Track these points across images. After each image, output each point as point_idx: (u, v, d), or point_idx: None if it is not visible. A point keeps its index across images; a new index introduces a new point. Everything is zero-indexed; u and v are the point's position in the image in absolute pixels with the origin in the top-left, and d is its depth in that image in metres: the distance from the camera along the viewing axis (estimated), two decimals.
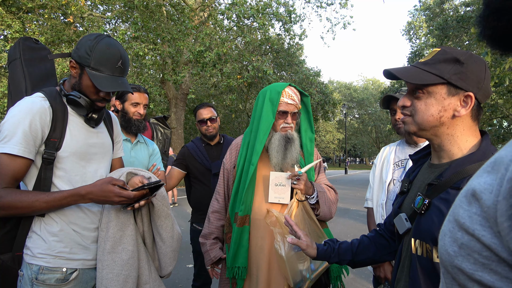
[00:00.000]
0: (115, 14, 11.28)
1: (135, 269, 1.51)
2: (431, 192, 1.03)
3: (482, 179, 0.43)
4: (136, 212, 1.61)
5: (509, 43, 0.48)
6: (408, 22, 21.57)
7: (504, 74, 7.71)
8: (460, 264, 0.43)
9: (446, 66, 1.01)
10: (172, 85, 11.81)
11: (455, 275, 0.45)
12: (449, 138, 1.06)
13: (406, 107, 1.10)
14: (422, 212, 1.03)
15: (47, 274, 1.39)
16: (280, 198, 1.89)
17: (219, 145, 2.99)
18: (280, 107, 1.90)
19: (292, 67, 14.38)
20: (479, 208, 0.42)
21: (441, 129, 1.05)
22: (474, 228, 0.42)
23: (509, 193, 0.38)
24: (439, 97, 1.03)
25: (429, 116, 1.04)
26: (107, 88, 1.41)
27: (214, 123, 2.89)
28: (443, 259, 0.47)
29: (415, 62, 1.11)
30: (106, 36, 1.46)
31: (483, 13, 0.49)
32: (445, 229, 0.48)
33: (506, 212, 0.38)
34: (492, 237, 0.40)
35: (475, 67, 1.01)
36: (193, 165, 2.88)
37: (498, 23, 0.47)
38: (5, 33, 9.81)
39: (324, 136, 45.47)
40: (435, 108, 1.03)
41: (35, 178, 1.41)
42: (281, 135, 1.91)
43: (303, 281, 1.73)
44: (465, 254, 0.43)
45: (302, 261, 1.73)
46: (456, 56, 1.01)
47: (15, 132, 1.33)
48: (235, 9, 10.02)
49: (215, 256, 1.98)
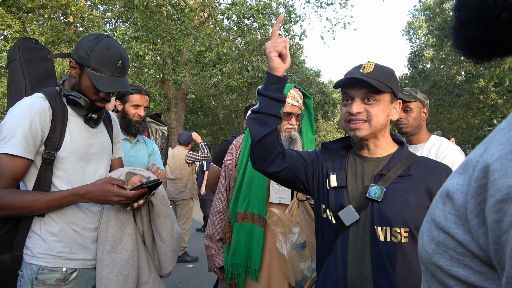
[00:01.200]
0: (115, 14, 11.28)
1: (135, 268, 1.51)
2: (384, 182, 1.17)
3: (455, 180, 0.45)
4: (135, 212, 1.61)
5: (480, 53, 0.52)
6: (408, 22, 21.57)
7: (504, 74, 7.70)
8: (438, 261, 0.46)
9: (387, 78, 1.18)
10: (172, 85, 11.81)
11: (434, 271, 0.47)
12: (384, 138, 1.25)
13: (360, 113, 1.20)
14: (381, 200, 1.13)
15: (47, 274, 1.39)
16: (280, 198, 1.89)
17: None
18: (285, 108, 1.91)
19: (292, 67, 14.38)
20: (452, 207, 0.45)
21: (382, 131, 1.23)
22: (448, 226, 0.45)
23: (476, 192, 0.40)
24: (386, 103, 1.20)
25: (382, 121, 1.20)
26: (107, 88, 1.41)
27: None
28: (423, 257, 0.50)
29: (354, 71, 1.23)
30: (106, 36, 1.46)
31: (455, 25, 0.53)
32: (424, 229, 0.50)
33: (474, 209, 0.41)
34: (465, 234, 0.42)
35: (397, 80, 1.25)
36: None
37: (468, 34, 0.51)
38: (5, 33, 9.81)
39: (324, 136, 45.42)
40: (383, 113, 1.20)
41: (34, 178, 1.42)
42: (285, 135, 1.92)
43: (304, 280, 1.74)
44: (441, 251, 0.45)
45: (304, 261, 1.74)
46: (391, 71, 1.22)
47: (15, 132, 1.33)
48: (235, 9, 10.02)
49: (219, 263, 1.97)
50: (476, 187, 0.41)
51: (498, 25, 0.47)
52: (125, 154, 2.24)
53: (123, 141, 2.39)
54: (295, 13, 11.83)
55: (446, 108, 15.36)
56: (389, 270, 1.09)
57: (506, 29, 0.47)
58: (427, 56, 18.99)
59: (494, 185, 0.37)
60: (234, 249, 1.87)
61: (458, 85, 14.75)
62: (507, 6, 0.45)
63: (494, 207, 0.37)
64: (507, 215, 0.35)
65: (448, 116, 16.61)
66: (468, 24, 0.50)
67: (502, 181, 0.36)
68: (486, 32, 0.49)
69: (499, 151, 0.38)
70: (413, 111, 2.16)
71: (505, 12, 0.45)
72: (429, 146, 2.18)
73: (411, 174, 1.17)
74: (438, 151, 2.11)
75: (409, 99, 2.15)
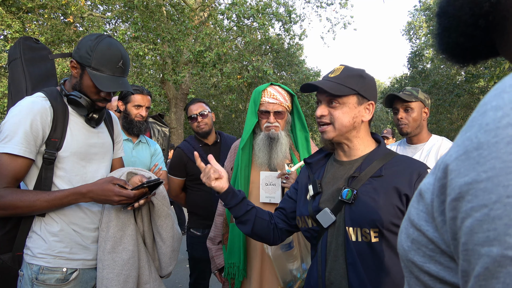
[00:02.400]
0: (115, 14, 11.28)
1: (136, 269, 1.51)
2: (356, 183, 1.20)
3: (426, 180, 0.48)
4: (136, 212, 1.61)
5: (463, 56, 0.55)
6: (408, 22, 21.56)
7: (504, 74, 7.71)
8: (413, 258, 0.48)
9: (354, 80, 1.23)
10: (172, 85, 11.80)
11: (410, 268, 0.50)
12: (358, 140, 1.28)
13: (324, 116, 1.25)
14: (352, 202, 1.17)
15: (47, 274, 1.39)
16: (271, 197, 1.89)
17: (217, 144, 2.71)
18: (261, 106, 1.91)
19: (292, 67, 14.38)
20: (423, 206, 0.47)
21: (353, 133, 1.26)
22: (420, 224, 0.47)
23: (439, 191, 0.43)
24: (352, 106, 1.23)
25: (346, 123, 1.23)
26: (108, 88, 1.41)
27: (205, 118, 2.58)
28: (401, 254, 0.52)
29: (325, 76, 1.30)
30: (107, 36, 1.46)
31: (437, 31, 0.56)
32: (402, 227, 0.53)
33: (438, 208, 0.43)
34: (434, 231, 0.45)
35: (371, 81, 1.28)
36: (191, 167, 2.56)
37: (448, 40, 0.54)
38: (5, 33, 9.81)
39: None
40: (349, 115, 1.23)
41: (35, 178, 1.42)
42: (264, 134, 1.91)
43: (293, 281, 1.73)
44: (415, 248, 0.48)
45: (292, 261, 1.73)
46: (360, 73, 1.25)
47: (16, 132, 1.33)
48: (235, 9, 10.01)
49: (219, 264, 1.98)
50: (439, 187, 0.43)
51: (476, 31, 0.50)
52: (127, 155, 2.25)
53: (126, 142, 2.40)
54: (295, 13, 11.83)
55: (446, 108, 15.36)
56: (359, 269, 1.14)
57: (483, 34, 0.50)
58: (427, 56, 18.99)
59: (450, 184, 0.40)
60: (230, 249, 1.87)
61: (458, 85, 14.76)
62: (483, 13, 0.48)
63: (450, 205, 0.39)
64: (460, 212, 0.38)
65: (448, 116, 16.62)
66: (448, 30, 0.53)
67: (456, 181, 0.38)
68: (465, 38, 0.52)
69: (455, 152, 0.40)
70: (413, 111, 2.15)
71: (481, 19, 0.48)
72: (430, 146, 2.17)
73: (382, 175, 1.19)
74: (438, 151, 2.11)
75: (410, 98, 2.14)
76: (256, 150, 1.93)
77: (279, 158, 1.89)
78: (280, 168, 1.92)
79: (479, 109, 0.39)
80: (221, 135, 2.78)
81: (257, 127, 1.98)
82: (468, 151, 0.38)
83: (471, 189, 0.36)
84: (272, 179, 1.90)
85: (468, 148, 0.38)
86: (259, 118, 1.95)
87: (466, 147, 0.38)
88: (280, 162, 1.91)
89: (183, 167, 2.59)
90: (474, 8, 0.48)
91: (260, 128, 1.96)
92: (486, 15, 0.48)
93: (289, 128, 2.06)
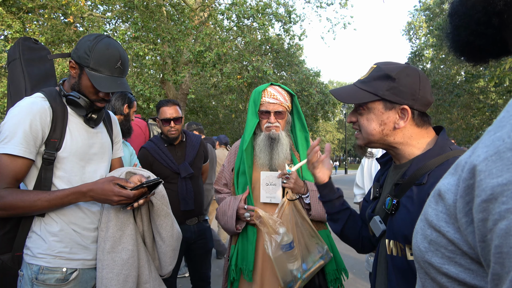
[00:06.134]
0: (115, 14, 11.28)
1: (135, 268, 1.51)
2: (398, 192, 1.06)
3: (446, 181, 0.47)
4: (135, 212, 1.61)
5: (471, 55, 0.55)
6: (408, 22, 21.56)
7: (504, 74, 7.71)
8: (430, 259, 0.48)
9: (379, 83, 1.07)
10: (172, 85, 11.80)
11: (427, 269, 0.49)
12: (400, 145, 1.11)
13: (354, 123, 1.18)
14: (392, 212, 1.06)
15: (47, 274, 1.39)
16: (271, 197, 1.89)
17: (182, 143, 2.69)
18: (261, 107, 1.91)
19: (292, 67, 14.36)
20: (444, 206, 0.46)
21: (388, 140, 1.11)
22: (440, 225, 0.46)
23: (465, 192, 0.42)
24: (378, 112, 1.09)
25: (372, 130, 1.11)
26: (106, 89, 1.41)
27: (178, 124, 2.58)
28: (416, 255, 0.51)
29: (356, 81, 1.18)
30: (106, 37, 1.46)
31: (448, 30, 0.57)
32: (418, 227, 0.52)
33: (463, 209, 0.42)
34: (455, 233, 0.44)
35: (408, 80, 1.06)
36: (158, 168, 2.54)
37: (459, 39, 0.54)
38: (5, 33, 9.81)
39: (324, 136, 45.41)
40: (375, 122, 1.10)
41: (35, 179, 1.42)
42: (265, 134, 1.91)
43: (294, 281, 1.73)
44: (433, 249, 0.47)
45: (292, 261, 1.73)
46: (388, 73, 1.07)
47: (16, 132, 1.33)
48: (235, 9, 10.01)
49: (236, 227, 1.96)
50: (464, 187, 0.42)
51: (488, 29, 0.49)
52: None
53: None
54: (295, 13, 11.82)
55: (446, 108, 15.36)
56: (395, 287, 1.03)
57: (496, 33, 0.49)
58: (427, 56, 18.98)
59: (479, 185, 0.39)
60: (237, 251, 1.87)
61: (458, 85, 14.75)
62: (497, 11, 0.47)
63: (480, 206, 0.38)
64: (492, 214, 0.37)
65: (448, 116, 16.61)
66: (459, 29, 0.53)
67: (487, 182, 0.37)
68: (475, 37, 0.52)
69: (484, 153, 0.39)
70: None
71: (495, 17, 0.48)
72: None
73: (423, 183, 1.00)
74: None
75: None
76: (257, 151, 1.92)
77: (280, 158, 1.89)
78: (281, 168, 1.92)
79: (509, 109, 0.39)
80: (186, 134, 2.78)
81: (257, 128, 1.98)
82: (500, 152, 0.37)
83: (506, 191, 0.35)
84: (272, 179, 1.90)
85: (500, 148, 0.37)
86: (259, 118, 1.94)
87: (497, 147, 0.37)
88: (281, 163, 1.91)
89: (149, 167, 2.54)
90: (487, 7, 0.48)
91: (261, 129, 1.95)
92: (500, 14, 0.47)
93: (289, 128, 2.06)
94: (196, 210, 2.61)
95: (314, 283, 1.86)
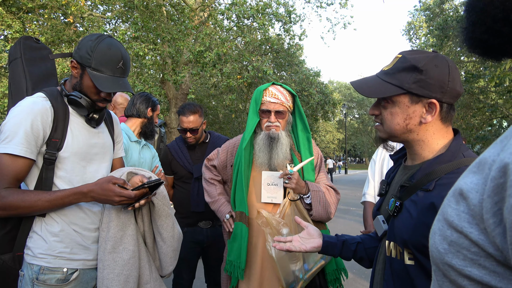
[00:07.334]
0: (115, 14, 11.27)
1: (136, 269, 1.51)
2: (403, 194, 1.03)
3: (469, 179, 0.45)
4: (136, 212, 1.61)
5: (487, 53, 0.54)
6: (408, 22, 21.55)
7: (504, 74, 7.71)
8: (450, 261, 0.45)
9: (405, 75, 1.00)
10: (172, 85, 11.79)
11: (446, 271, 0.47)
12: (419, 143, 1.05)
13: (376, 116, 1.11)
14: (394, 214, 1.03)
15: (47, 274, 1.39)
16: (272, 197, 1.89)
17: (204, 144, 2.69)
18: (262, 106, 1.91)
19: (292, 67, 14.36)
20: (466, 206, 0.44)
21: (411, 136, 1.05)
22: (462, 225, 0.44)
23: (493, 191, 0.40)
24: (403, 106, 1.02)
25: (395, 125, 1.04)
26: (108, 89, 1.41)
27: (195, 134, 2.57)
28: (434, 257, 0.49)
29: (379, 71, 1.10)
30: (108, 37, 1.46)
31: (464, 25, 0.55)
32: (435, 228, 0.50)
33: (491, 209, 0.40)
34: (480, 234, 0.42)
35: (436, 72, 0.98)
36: (175, 167, 2.63)
37: (472, 35, 0.53)
38: (5, 33, 9.80)
39: (324, 136, 45.41)
40: (400, 116, 1.03)
41: (36, 179, 1.41)
42: (265, 133, 1.91)
43: (296, 282, 1.73)
44: (454, 251, 0.45)
45: (295, 262, 1.73)
46: (415, 64, 0.98)
47: (17, 132, 1.33)
48: (235, 9, 10.00)
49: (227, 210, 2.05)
50: (493, 187, 0.40)
51: (505, 27, 0.47)
52: (136, 156, 2.37)
53: (134, 143, 2.43)
54: (295, 13, 11.82)
55: None
56: None
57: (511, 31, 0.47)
58: None
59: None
60: (231, 247, 1.88)
61: None
62: None
63: None
64: None
65: None
66: (474, 25, 0.52)
67: None
68: (489, 35, 0.50)
69: None
70: None
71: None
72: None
73: (430, 189, 0.96)
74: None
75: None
76: (257, 149, 1.93)
77: (279, 158, 1.89)
78: (280, 168, 1.92)
79: None
80: (211, 135, 2.76)
81: (257, 127, 1.98)
82: None
83: None
84: (274, 179, 1.89)
85: None
86: (260, 117, 1.94)
87: None
88: (281, 163, 1.90)
89: (169, 165, 2.67)
90: (506, 3, 0.46)
91: (261, 128, 1.96)
92: None
93: (290, 128, 2.05)
94: (209, 213, 2.45)
95: (315, 283, 1.86)
